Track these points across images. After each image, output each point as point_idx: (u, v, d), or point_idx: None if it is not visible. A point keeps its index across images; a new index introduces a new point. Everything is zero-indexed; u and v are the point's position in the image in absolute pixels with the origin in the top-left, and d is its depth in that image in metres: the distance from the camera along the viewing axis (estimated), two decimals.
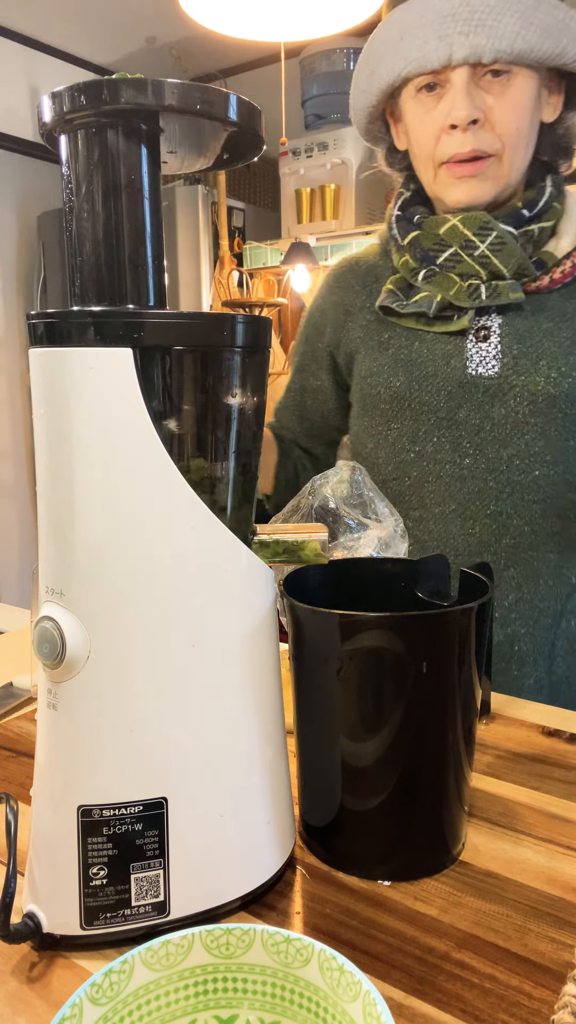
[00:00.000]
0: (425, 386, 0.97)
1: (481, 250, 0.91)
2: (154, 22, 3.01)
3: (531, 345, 0.93)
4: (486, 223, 0.91)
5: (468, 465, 0.96)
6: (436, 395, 0.97)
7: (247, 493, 0.53)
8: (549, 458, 0.93)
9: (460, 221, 0.93)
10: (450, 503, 0.98)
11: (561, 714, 0.81)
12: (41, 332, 0.47)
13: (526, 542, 0.96)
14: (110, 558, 0.47)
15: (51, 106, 0.47)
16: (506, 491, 0.95)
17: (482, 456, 0.95)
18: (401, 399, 0.99)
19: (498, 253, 0.91)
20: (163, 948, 0.38)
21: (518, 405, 0.93)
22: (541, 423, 0.92)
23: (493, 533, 0.96)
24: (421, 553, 0.99)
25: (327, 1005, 0.37)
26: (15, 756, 0.73)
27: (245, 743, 0.52)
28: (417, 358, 0.99)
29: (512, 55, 0.84)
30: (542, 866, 0.56)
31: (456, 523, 0.98)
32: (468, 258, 0.93)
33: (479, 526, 0.97)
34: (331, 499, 0.77)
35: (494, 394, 0.94)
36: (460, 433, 0.96)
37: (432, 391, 0.97)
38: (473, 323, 0.95)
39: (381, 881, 0.55)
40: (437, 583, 0.66)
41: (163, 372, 0.47)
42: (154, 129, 0.48)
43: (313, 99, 2.96)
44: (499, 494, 0.95)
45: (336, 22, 1.72)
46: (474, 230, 0.92)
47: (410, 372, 0.99)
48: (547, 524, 0.96)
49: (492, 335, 0.94)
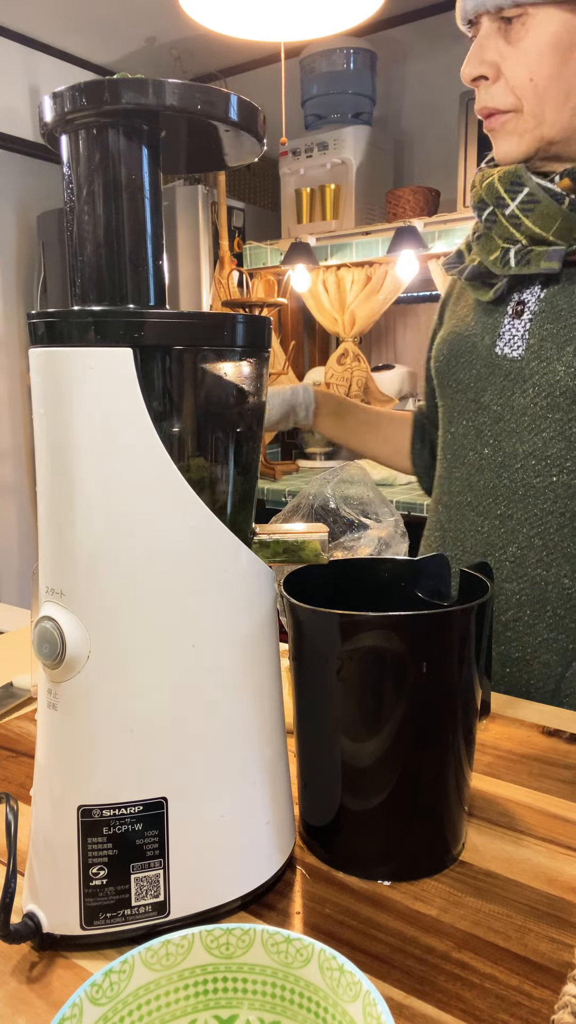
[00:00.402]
0: (461, 362, 0.90)
1: (511, 209, 0.81)
2: (154, 22, 3.00)
3: (564, 327, 0.81)
4: (518, 178, 0.81)
5: (487, 456, 0.88)
6: (468, 373, 0.89)
7: (247, 493, 0.53)
8: (570, 465, 0.83)
9: (498, 175, 0.83)
10: (467, 494, 0.91)
11: (561, 714, 0.81)
12: (41, 332, 0.47)
13: (535, 557, 0.86)
14: (110, 558, 0.47)
15: (52, 106, 0.47)
16: (519, 493, 0.86)
17: (499, 449, 0.87)
18: (442, 374, 0.94)
19: (529, 213, 0.80)
20: (163, 948, 0.38)
21: (537, 396, 0.83)
22: (560, 420, 0.82)
23: (501, 537, 0.88)
24: (440, 542, 0.96)
25: (327, 1005, 0.37)
26: (15, 756, 0.73)
27: (245, 743, 0.52)
28: (464, 331, 0.91)
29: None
30: (542, 866, 0.56)
31: (469, 517, 0.91)
32: (502, 218, 0.82)
33: (488, 525, 0.89)
34: (331, 499, 0.77)
35: (515, 379, 0.84)
36: (483, 419, 0.88)
37: (465, 368, 0.89)
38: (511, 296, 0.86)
39: (381, 881, 0.55)
40: (437, 583, 0.66)
41: (163, 372, 0.47)
42: (155, 129, 0.48)
43: (313, 99, 2.96)
44: (511, 495, 0.87)
45: (336, 22, 1.72)
46: (506, 186, 0.82)
47: (453, 346, 0.92)
48: (562, 542, 0.85)
49: (526, 311, 0.84)
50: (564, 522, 0.84)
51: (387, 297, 2.89)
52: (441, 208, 2.79)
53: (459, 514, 0.93)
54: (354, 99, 2.91)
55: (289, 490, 2.64)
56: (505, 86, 0.80)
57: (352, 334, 3.04)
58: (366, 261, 2.89)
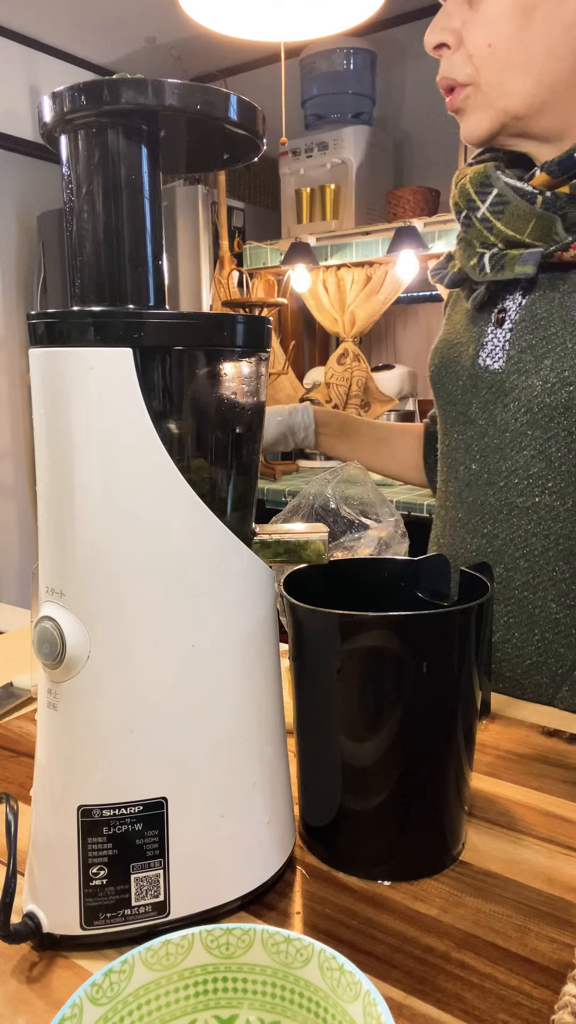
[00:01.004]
0: (449, 373, 0.86)
1: (483, 212, 0.76)
2: (154, 22, 3.00)
3: (542, 338, 0.76)
4: (486, 179, 0.76)
5: (475, 472, 0.84)
6: (455, 384, 0.85)
7: (247, 493, 0.53)
8: (551, 485, 0.78)
9: (469, 176, 0.78)
10: (459, 510, 0.88)
11: (561, 714, 0.81)
12: (41, 332, 0.47)
13: (520, 579, 0.82)
14: (110, 558, 0.47)
15: (51, 106, 0.47)
16: (503, 512, 0.83)
17: (485, 465, 0.83)
18: (434, 384, 0.90)
19: (500, 216, 0.75)
20: (163, 948, 0.38)
21: (517, 411, 0.79)
22: (540, 438, 0.77)
23: (488, 556, 0.85)
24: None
25: (327, 1005, 0.37)
26: (15, 756, 0.73)
27: (245, 743, 0.52)
28: (454, 339, 0.87)
29: None
30: (542, 866, 0.56)
31: (460, 534, 0.89)
32: (476, 221, 0.78)
33: (476, 544, 0.86)
34: (331, 499, 0.77)
35: (497, 393, 0.80)
36: (471, 433, 0.84)
37: (452, 379, 0.86)
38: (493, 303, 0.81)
39: (381, 881, 0.55)
40: (437, 583, 0.66)
41: (163, 372, 0.47)
42: (154, 129, 0.48)
43: (313, 99, 2.96)
44: (496, 514, 0.83)
45: (336, 22, 1.72)
46: (476, 187, 0.77)
47: (444, 355, 0.88)
48: (547, 566, 0.81)
49: (508, 320, 0.79)
50: (548, 544, 0.81)
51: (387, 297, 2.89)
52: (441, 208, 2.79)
53: (452, 530, 0.90)
54: (354, 99, 2.91)
55: (289, 490, 2.64)
56: (464, 55, 0.75)
57: (352, 334, 3.04)
58: (366, 261, 2.89)
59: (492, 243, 0.77)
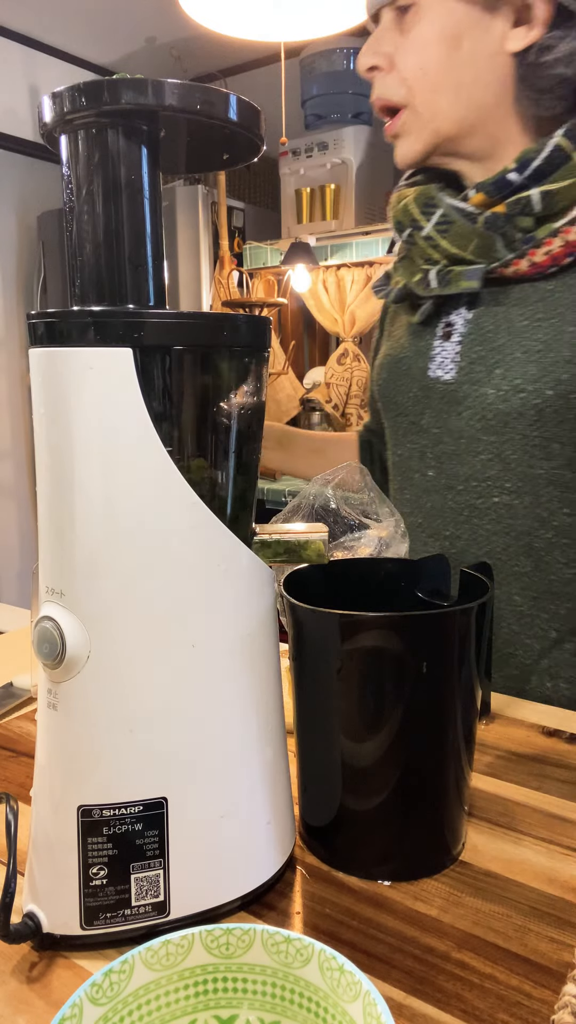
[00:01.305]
0: (399, 385, 0.90)
1: (427, 231, 0.80)
2: (154, 22, 3.00)
3: (492, 349, 0.80)
4: (430, 199, 0.80)
5: (431, 478, 0.88)
6: (405, 396, 0.89)
7: (247, 493, 0.53)
8: (509, 485, 0.82)
9: (412, 197, 0.82)
10: (418, 515, 0.91)
11: (561, 714, 0.81)
12: (41, 332, 0.47)
13: None
14: (110, 558, 0.47)
15: (51, 106, 0.47)
16: (463, 514, 0.86)
17: (442, 471, 0.87)
18: (384, 397, 0.94)
19: (445, 234, 0.79)
20: (163, 948, 0.38)
21: (471, 419, 0.82)
22: (495, 443, 0.81)
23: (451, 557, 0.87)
24: None
25: (327, 1005, 0.37)
26: (15, 756, 0.73)
27: (245, 743, 0.52)
28: (400, 354, 0.91)
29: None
30: (542, 866, 0.56)
31: (420, 538, 0.91)
32: (420, 240, 0.82)
33: (437, 546, 0.89)
34: (331, 499, 0.77)
35: (449, 402, 0.84)
36: (424, 442, 0.88)
37: (403, 391, 0.90)
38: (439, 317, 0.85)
39: (381, 881, 0.55)
40: (437, 583, 0.66)
41: (163, 372, 0.47)
42: (154, 129, 0.48)
43: (313, 99, 2.96)
44: (456, 516, 0.87)
45: (336, 22, 1.72)
46: (420, 208, 0.81)
47: (391, 369, 0.92)
48: (509, 561, 0.85)
49: (455, 333, 0.83)
50: (509, 541, 0.84)
51: None
52: None
53: (412, 535, 0.92)
54: (354, 99, 2.91)
55: (289, 490, 2.64)
56: (398, 77, 0.79)
57: (352, 334, 3.04)
58: (366, 261, 2.89)
59: (436, 260, 0.81)
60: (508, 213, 0.76)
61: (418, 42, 0.76)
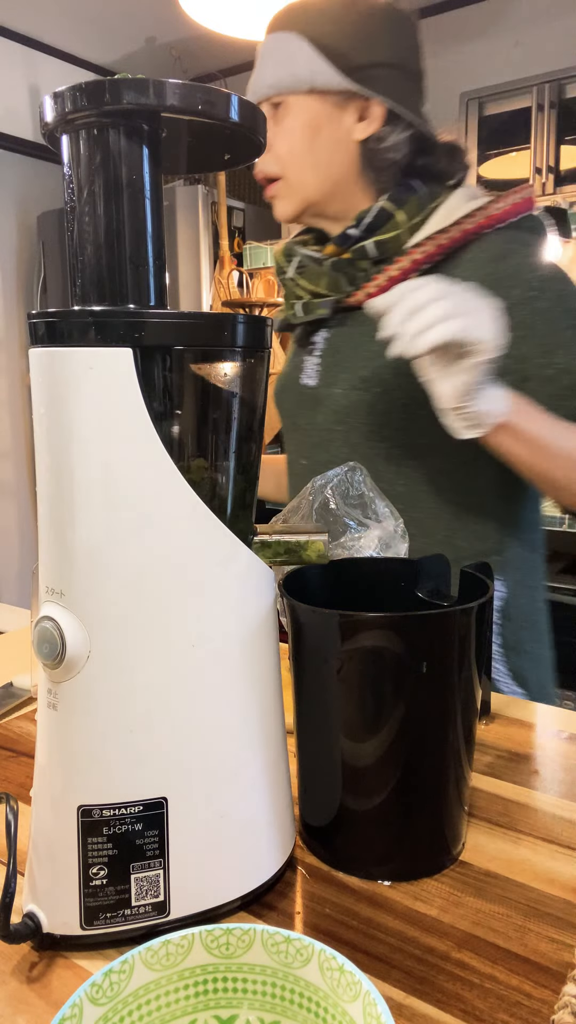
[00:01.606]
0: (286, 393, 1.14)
1: (290, 273, 1.06)
2: (154, 22, 3.01)
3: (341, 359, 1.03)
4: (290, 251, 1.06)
5: (305, 466, 1.09)
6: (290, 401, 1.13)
7: (247, 493, 0.53)
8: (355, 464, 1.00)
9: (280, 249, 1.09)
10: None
11: (561, 714, 0.81)
12: (41, 332, 0.47)
13: None
14: (110, 558, 0.47)
15: (53, 106, 0.47)
16: None
17: (312, 458, 1.08)
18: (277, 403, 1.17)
19: (303, 275, 1.04)
20: (163, 948, 0.38)
21: (327, 414, 1.04)
22: (343, 431, 1.03)
23: None
24: None
25: (327, 1005, 0.37)
26: (15, 756, 0.73)
27: (245, 743, 0.52)
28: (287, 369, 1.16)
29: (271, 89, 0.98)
30: (542, 866, 0.56)
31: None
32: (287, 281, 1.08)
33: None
34: (331, 499, 0.77)
35: (314, 403, 1.06)
36: (300, 437, 1.11)
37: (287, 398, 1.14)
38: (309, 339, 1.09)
39: (381, 881, 0.55)
40: (437, 583, 0.66)
41: (163, 372, 0.47)
42: (155, 129, 0.48)
43: None
44: None
45: None
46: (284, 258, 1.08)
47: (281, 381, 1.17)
48: None
49: (316, 349, 1.07)
50: None
51: None
52: None
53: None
54: None
55: None
56: (273, 155, 1.01)
57: None
58: None
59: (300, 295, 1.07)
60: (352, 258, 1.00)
61: (287, 131, 0.99)
